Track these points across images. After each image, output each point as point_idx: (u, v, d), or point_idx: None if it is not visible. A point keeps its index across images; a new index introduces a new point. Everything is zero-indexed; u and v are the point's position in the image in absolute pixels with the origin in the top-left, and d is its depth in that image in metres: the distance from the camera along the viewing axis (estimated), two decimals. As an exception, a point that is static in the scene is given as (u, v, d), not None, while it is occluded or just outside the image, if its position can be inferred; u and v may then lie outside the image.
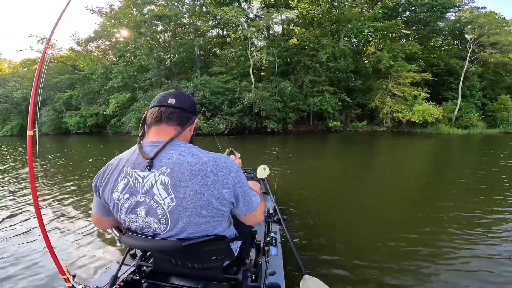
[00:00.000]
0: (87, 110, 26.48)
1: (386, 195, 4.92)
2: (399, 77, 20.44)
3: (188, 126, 1.10)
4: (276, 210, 2.42)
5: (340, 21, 20.97)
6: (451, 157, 10.14)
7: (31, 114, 1.42)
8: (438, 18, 22.05)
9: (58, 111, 28.57)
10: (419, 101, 19.93)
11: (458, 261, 2.56)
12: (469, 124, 20.25)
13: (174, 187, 0.94)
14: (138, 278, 1.22)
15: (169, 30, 24.17)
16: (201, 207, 0.95)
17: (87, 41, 27.76)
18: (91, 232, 3.23)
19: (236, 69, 21.87)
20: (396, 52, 20.43)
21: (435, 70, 22.05)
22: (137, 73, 23.59)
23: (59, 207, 4.24)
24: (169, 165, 0.95)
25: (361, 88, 22.17)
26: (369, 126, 21.78)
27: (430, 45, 24.83)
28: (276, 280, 1.51)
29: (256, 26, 20.55)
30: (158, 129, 1.04)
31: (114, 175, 1.02)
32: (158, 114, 1.05)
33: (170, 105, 1.07)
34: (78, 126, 26.87)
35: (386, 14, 22.29)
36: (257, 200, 1.10)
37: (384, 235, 3.12)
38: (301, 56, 21.64)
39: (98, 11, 23.72)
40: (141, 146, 1.02)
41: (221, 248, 1.04)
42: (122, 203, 1.01)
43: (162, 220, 0.98)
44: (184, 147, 1.01)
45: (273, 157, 9.18)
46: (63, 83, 28.29)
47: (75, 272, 1.48)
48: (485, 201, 4.26)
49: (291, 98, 20.57)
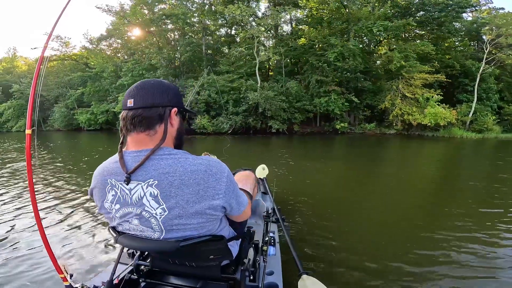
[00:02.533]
0: (98, 108, 27.00)
1: (390, 200, 4.73)
2: (411, 78, 19.83)
3: (164, 123, 0.94)
4: (275, 210, 2.37)
5: (350, 20, 20.53)
6: (463, 163, 9.62)
7: (29, 113, 1.40)
8: (454, 18, 21.32)
9: (70, 108, 29.30)
10: (431, 103, 19.24)
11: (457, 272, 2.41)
12: (484, 128, 19.41)
13: (165, 198, 0.89)
14: (136, 277, 1.21)
15: (177, 29, 24.28)
16: (194, 214, 0.92)
17: (99, 39, 28.29)
18: (89, 231, 3.23)
19: (243, 68, 21.77)
20: (408, 52, 19.81)
21: (450, 72, 21.34)
22: (145, 71, 23.82)
23: (58, 205, 4.21)
24: (156, 177, 0.89)
25: (371, 89, 21.66)
26: (378, 129, 21.22)
27: (445, 45, 24.02)
28: (274, 280, 1.51)
29: (264, 25, 20.37)
30: (132, 139, 0.94)
31: (101, 187, 0.98)
32: (123, 122, 0.94)
33: (130, 108, 0.92)
34: (89, 123, 27.45)
35: (398, 14, 21.68)
36: (245, 198, 1.09)
37: (384, 238, 3.12)
38: (309, 56, 21.31)
39: (108, 9, 24.07)
40: (122, 156, 0.93)
41: (219, 248, 1.02)
42: (114, 213, 0.98)
43: (156, 228, 0.95)
44: (169, 155, 0.91)
45: (276, 157, 9.10)
46: (75, 80, 28.95)
47: (73, 271, 1.44)
48: (499, 214, 3.85)
49: (297, 98, 20.32)
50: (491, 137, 18.68)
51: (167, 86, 0.98)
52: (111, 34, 27.47)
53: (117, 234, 1.03)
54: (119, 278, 1.23)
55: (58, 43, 28.35)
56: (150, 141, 0.93)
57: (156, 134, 0.93)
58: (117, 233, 1.04)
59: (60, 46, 28.80)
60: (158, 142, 0.92)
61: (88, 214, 3.77)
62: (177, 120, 1.00)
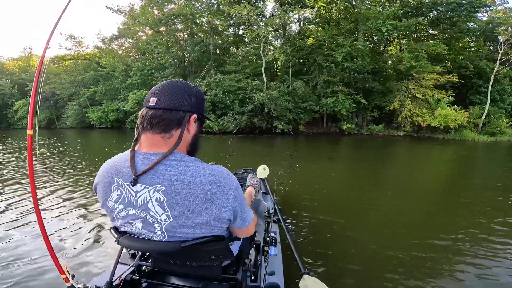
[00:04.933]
0: (109, 106, 27.55)
1: (395, 203, 4.68)
2: (421, 79, 19.34)
3: (180, 128, 0.93)
4: (276, 210, 2.39)
5: (358, 19, 20.23)
6: (473, 167, 9.23)
7: (31, 113, 1.39)
8: (467, 18, 20.68)
9: (83, 106, 29.99)
10: (442, 105, 18.71)
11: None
12: (497, 130, 18.73)
13: (171, 205, 0.89)
14: (137, 277, 1.22)
15: (185, 29, 24.49)
16: (199, 225, 0.92)
17: (111, 39, 28.86)
18: (91, 232, 3.24)
19: (250, 68, 21.76)
20: (418, 53, 19.34)
21: (463, 72, 20.70)
22: (154, 71, 24.12)
23: (60, 206, 4.23)
24: (164, 183, 0.88)
25: (380, 89, 21.26)
26: (386, 130, 20.81)
27: (459, 46, 23.34)
28: (275, 280, 1.51)
29: (271, 25, 20.31)
30: (146, 138, 0.93)
31: (106, 184, 0.97)
32: (141, 119, 0.93)
33: (151, 106, 0.91)
34: (100, 121, 28.05)
35: (409, 13, 21.20)
36: (251, 214, 1.08)
37: (386, 241, 3.12)
38: (316, 56, 21.11)
39: (118, 10, 24.51)
40: (133, 156, 0.92)
41: (220, 248, 1.01)
42: (117, 213, 0.98)
43: (159, 233, 0.95)
44: (180, 162, 0.90)
45: (280, 157, 9.08)
46: (88, 79, 29.62)
47: (75, 271, 1.46)
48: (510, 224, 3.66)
49: (303, 99, 20.15)
50: (504, 140, 18.00)
51: (191, 90, 0.96)
52: (122, 34, 27.97)
53: (119, 235, 1.03)
54: (121, 279, 1.23)
55: (72, 42, 29.09)
56: (164, 144, 0.91)
57: (171, 138, 0.92)
58: (119, 233, 1.04)
59: (74, 46, 29.53)
60: (172, 147, 0.91)
61: (90, 215, 3.78)
62: (195, 127, 0.99)
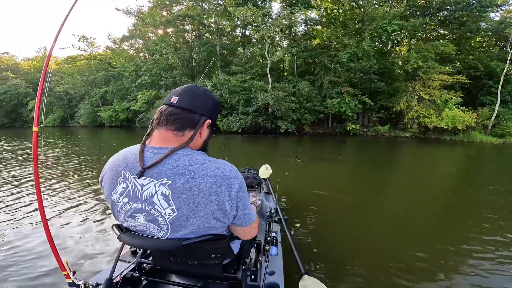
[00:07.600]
0: (119, 105, 28.26)
1: (399, 205, 4.64)
2: (429, 79, 19.04)
3: (194, 130, 0.98)
4: (278, 210, 2.40)
5: (365, 20, 20.07)
6: (480, 169, 8.94)
7: (36, 111, 1.39)
8: (477, 17, 20.21)
9: (95, 105, 30.80)
10: (449, 105, 18.39)
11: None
12: (506, 132, 18.28)
13: (176, 199, 0.91)
14: (138, 275, 1.23)
15: (193, 30, 24.83)
16: (203, 218, 0.94)
17: (121, 40, 29.52)
18: (92, 229, 3.27)
19: (255, 69, 21.89)
20: (426, 53, 19.04)
21: (473, 73, 20.25)
22: (163, 71, 24.60)
23: (63, 202, 4.27)
24: (170, 176, 0.90)
25: (386, 90, 21.01)
26: (392, 131, 20.56)
27: (469, 46, 22.83)
28: (275, 279, 1.50)
29: (277, 26, 20.37)
30: (159, 133, 0.97)
31: (112, 177, 0.98)
32: (158, 114, 0.97)
33: (172, 104, 0.96)
34: (110, 120, 28.80)
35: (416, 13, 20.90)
36: (254, 214, 1.09)
37: (388, 243, 3.13)
38: (322, 56, 21.06)
39: (127, 11, 25.09)
40: (143, 149, 0.96)
41: (221, 247, 1.02)
42: (121, 206, 0.99)
43: (163, 228, 0.96)
44: (187, 156, 0.93)
45: (283, 157, 9.04)
46: (99, 79, 30.40)
47: (76, 268, 1.49)
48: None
49: (307, 99, 20.15)
50: (513, 142, 17.58)
51: (210, 97, 1.03)
52: (132, 35, 28.59)
53: (121, 232, 1.04)
54: (121, 276, 1.23)
55: (84, 43, 29.89)
56: (175, 141, 0.94)
57: (183, 137, 0.95)
58: (121, 231, 1.05)
59: (86, 46, 30.34)
60: (182, 144, 0.94)
61: (93, 212, 3.81)
62: (207, 132, 1.04)
